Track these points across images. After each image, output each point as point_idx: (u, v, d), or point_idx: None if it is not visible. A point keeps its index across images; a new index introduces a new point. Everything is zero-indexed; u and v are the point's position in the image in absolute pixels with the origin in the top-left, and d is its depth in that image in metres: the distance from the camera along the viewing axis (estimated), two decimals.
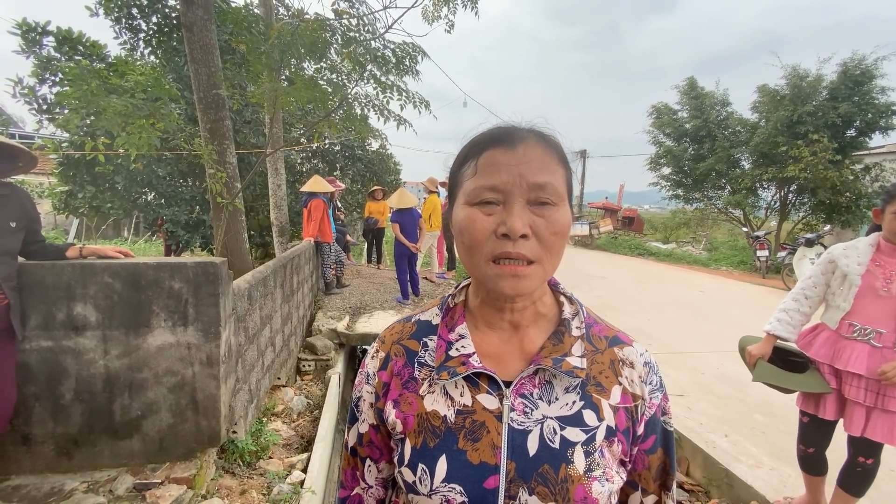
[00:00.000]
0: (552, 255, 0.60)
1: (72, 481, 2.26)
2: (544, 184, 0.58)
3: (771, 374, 2.05)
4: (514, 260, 0.58)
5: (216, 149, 3.98)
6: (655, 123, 14.28)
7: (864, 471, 1.95)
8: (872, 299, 1.85)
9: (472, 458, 0.60)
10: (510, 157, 0.58)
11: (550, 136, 0.63)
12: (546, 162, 0.59)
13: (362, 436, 0.73)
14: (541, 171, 0.58)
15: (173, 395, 2.41)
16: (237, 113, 7.61)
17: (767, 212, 13.04)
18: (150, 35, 6.18)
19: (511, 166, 0.58)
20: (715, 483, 2.73)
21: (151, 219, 8.25)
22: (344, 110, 4.58)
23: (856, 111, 10.13)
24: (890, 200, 1.83)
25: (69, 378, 2.30)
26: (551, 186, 0.58)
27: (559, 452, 0.59)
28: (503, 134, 0.61)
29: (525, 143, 0.60)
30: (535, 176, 0.58)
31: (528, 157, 0.58)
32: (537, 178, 0.58)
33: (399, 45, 4.37)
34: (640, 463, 0.68)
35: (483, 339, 0.67)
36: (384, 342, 0.73)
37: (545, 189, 0.58)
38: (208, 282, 2.39)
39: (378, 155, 12.25)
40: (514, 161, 0.58)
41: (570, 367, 0.62)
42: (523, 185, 0.58)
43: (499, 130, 0.62)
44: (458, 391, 0.64)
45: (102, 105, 2.96)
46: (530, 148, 0.59)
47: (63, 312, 2.26)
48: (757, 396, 3.54)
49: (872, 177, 10.78)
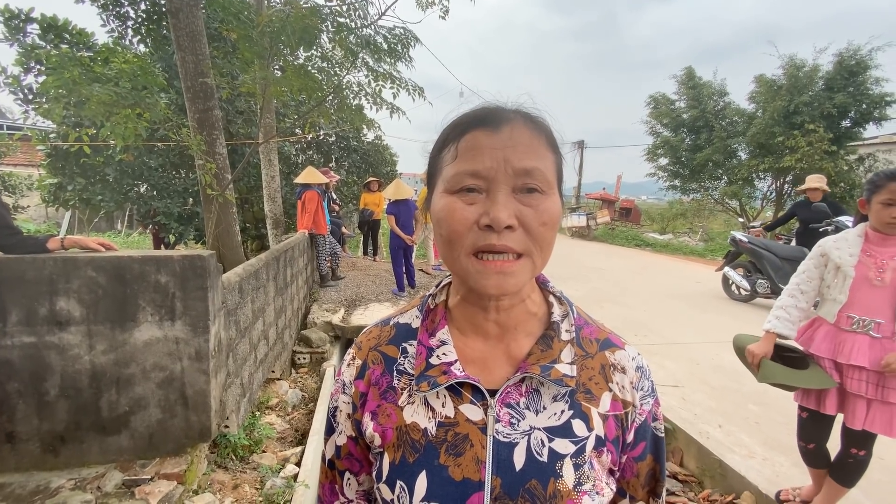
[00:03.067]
0: (541, 248, 0.54)
1: (58, 479, 2.22)
2: (531, 169, 0.53)
3: (779, 374, 2.00)
4: (499, 254, 0.52)
5: (205, 139, 3.90)
6: (653, 114, 14.23)
7: (856, 462, 1.95)
8: (868, 290, 1.84)
9: (455, 475, 0.55)
10: (494, 140, 0.53)
11: (538, 118, 0.57)
12: (534, 146, 0.54)
13: (340, 448, 0.68)
14: (528, 156, 0.53)
15: (162, 391, 2.37)
16: (228, 103, 7.49)
17: (763, 202, 13.05)
18: (139, 23, 6.05)
19: (495, 150, 0.52)
20: (708, 473, 2.73)
21: (144, 211, 8.15)
22: (337, 99, 4.50)
23: (851, 102, 10.13)
24: (876, 190, 1.82)
25: (54, 374, 2.26)
26: (539, 172, 0.53)
27: (547, 466, 0.55)
28: (486, 115, 0.55)
29: (511, 124, 0.54)
30: (521, 161, 0.52)
31: (514, 139, 0.53)
32: (524, 163, 0.52)
33: (390, 30, 4.29)
34: (628, 471, 0.64)
35: (466, 343, 0.62)
36: (360, 348, 0.68)
37: (532, 175, 0.53)
38: (196, 275, 2.34)
39: (374, 146, 12.15)
40: (498, 144, 0.52)
41: (559, 375, 0.57)
42: (508, 171, 0.52)
43: (482, 111, 0.56)
44: (440, 401, 0.59)
45: (85, 94, 2.88)
46: (517, 130, 0.53)
47: (46, 307, 2.21)
48: (751, 387, 3.53)
49: (866, 167, 10.81)
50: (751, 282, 6.42)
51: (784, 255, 5.94)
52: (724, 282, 6.95)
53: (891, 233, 1.82)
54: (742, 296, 6.65)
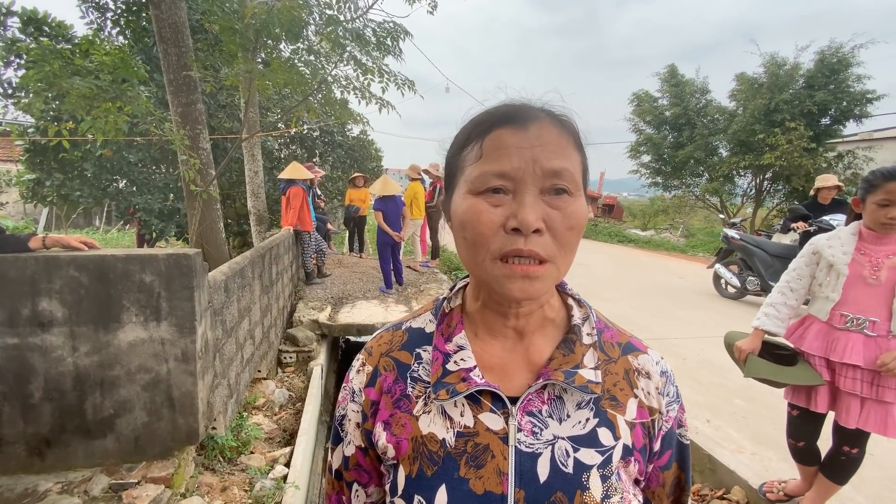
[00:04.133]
0: (566, 253, 0.52)
1: (45, 482, 2.17)
2: (560, 170, 0.50)
3: (764, 369, 2.01)
4: (525, 259, 0.50)
5: (188, 134, 3.80)
6: (636, 111, 14.38)
7: (848, 460, 1.94)
8: (862, 288, 1.83)
9: (476, 488, 0.53)
10: (522, 139, 0.50)
11: (565, 117, 0.55)
12: (562, 145, 0.51)
13: (348, 459, 0.65)
14: (556, 156, 0.50)
15: (148, 393, 2.31)
16: (211, 97, 7.33)
17: (743, 199, 13.32)
18: (118, 14, 5.88)
19: (523, 149, 0.50)
20: (698, 468, 2.77)
21: (123, 207, 7.94)
22: (323, 94, 4.43)
23: (831, 99, 10.34)
24: (871, 190, 1.79)
25: (37, 376, 2.18)
26: (568, 173, 0.51)
27: (573, 478, 0.53)
28: (513, 112, 0.53)
29: (539, 122, 0.51)
30: (550, 161, 0.50)
31: (543, 139, 0.50)
32: (553, 164, 0.50)
33: (380, 23, 4.23)
34: (654, 480, 0.62)
35: (484, 348, 0.60)
36: (371, 354, 0.64)
37: (561, 176, 0.50)
38: (182, 274, 2.28)
39: (359, 141, 12.03)
40: (526, 143, 0.50)
41: (583, 381, 0.55)
42: (537, 172, 0.50)
43: (507, 108, 0.54)
44: (458, 410, 0.56)
45: (65, 87, 2.77)
46: (545, 129, 0.51)
47: (28, 308, 2.13)
48: (738, 382, 3.60)
49: (845, 164, 11.07)
50: (741, 279, 6.47)
51: (775, 253, 6.00)
52: (714, 279, 7.02)
53: (886, 233, 1.79)
54: (731, 293, 6.72)
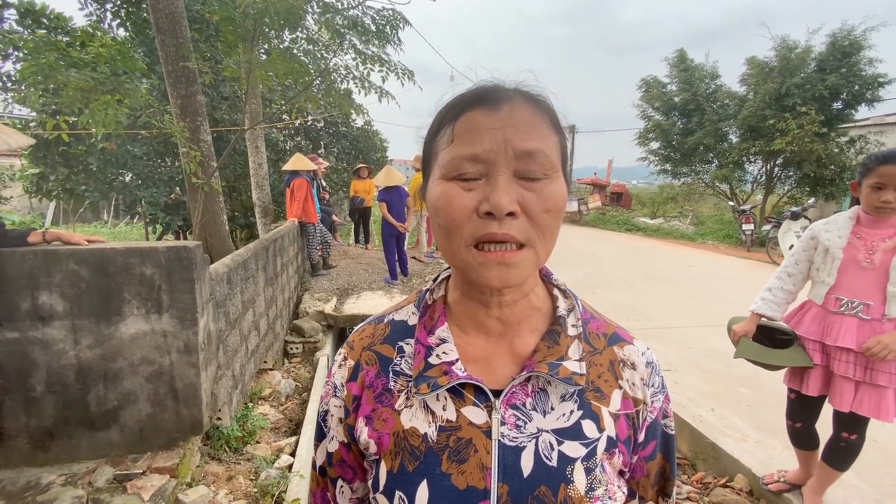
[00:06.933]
0: (545, 236, 0.51)
1: (49, 474, 2.19)
2: (534, 151, 0.49)
3: (752, 351, 2.06)
4: (500, 244, 0.49)
5: (188, 126, 3.79)
6: (645, 97, 14.14)
7: (848, 446, 1.95)
8: (856, 272, 1.83)
9: (458, 483, 0.52)
10: (493, 120, 0.49)
11: (540, 96, 0.53)
12: (536, 125, 0.50)
13: (331, 454, 0.64)
14: (530, 136, 0.49)
15: (151, 385, 2.33)
16: (213, 88, 7.31)
17: (753, 186, 13.11)
18: (118, 5, 5.85)
19: (494, 130, 0.48)
20: (702, 456, 2.76)
21: (129, 201, 7.99)
22: (324, 84, 4.39)
23: (843, 83, 10.09)
24: (866, 174, 1.81)
25: (39, 370, 2.20)
26: (542, 154, 0.49)
27: (557, 471, 0.52)
28: (484, 93, 0.51)
29: (511, 102, 0.50)
30: (523, 142, 0.48)
31: (515, 119, 0.49)
32: (526, 145, 0.48)
33: (378, 11, 4.17)
34: (638, 471, 0.61)
35: (467, 340, 0.58)
36: (353, 348, 0.63)
37: (535, 157, 0.49)
38: (182, 267, 2.28)
39: (363, 132, 11.98)
40: (497, 124, 0.48)
41: (567, 373, 0.54)
42: (509, 153, 0.48)
43: (479, 90, 0.52)
44: (441, 404, 0.55)
45: (62, 79, 2.76)
46: (517, 109, 0.49)
47: (28, 302, 2.14)
48: (743, 371, 3.56)
49: (857, 149, 10.82)
50: None
51: None
52: None
53: (880, 216, 1.80)
54: None
